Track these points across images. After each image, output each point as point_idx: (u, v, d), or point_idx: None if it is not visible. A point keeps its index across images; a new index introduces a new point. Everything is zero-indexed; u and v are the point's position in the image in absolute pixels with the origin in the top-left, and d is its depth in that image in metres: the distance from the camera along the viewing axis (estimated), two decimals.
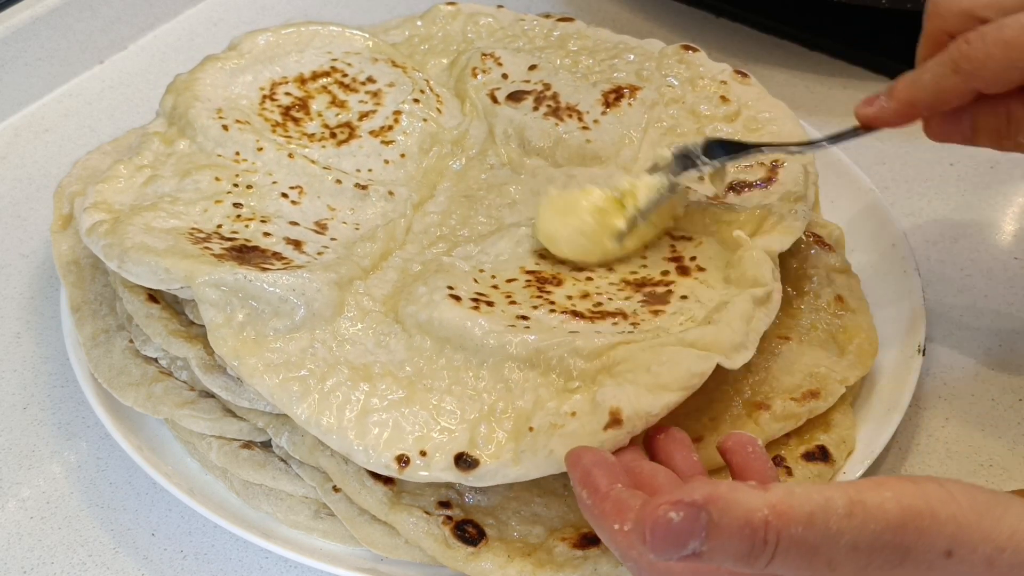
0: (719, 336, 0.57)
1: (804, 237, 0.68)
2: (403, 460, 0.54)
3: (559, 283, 0.62)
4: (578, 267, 0.63)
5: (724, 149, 0.65)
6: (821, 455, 0.60)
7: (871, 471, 0.61)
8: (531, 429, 0.54)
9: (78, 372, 0.66)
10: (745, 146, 0.65)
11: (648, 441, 0.55)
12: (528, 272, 0.63)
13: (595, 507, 0.46)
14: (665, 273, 0.62)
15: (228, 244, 0.62)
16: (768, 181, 0.67)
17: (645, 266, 0.63)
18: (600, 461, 0.48)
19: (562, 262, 0.64)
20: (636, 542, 0.42)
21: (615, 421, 0.53)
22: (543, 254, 0.64)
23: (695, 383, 0.55)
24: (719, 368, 0.56)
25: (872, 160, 0.82)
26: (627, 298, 0.61)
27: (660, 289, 0.61)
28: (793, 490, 0.41)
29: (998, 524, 0.41)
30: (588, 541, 0.56)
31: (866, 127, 0.60)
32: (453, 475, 0.54)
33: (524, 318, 0.59)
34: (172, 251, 0.60)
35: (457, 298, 0.59)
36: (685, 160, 0.64)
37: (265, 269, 0.59)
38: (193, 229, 0.63)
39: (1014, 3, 0.54)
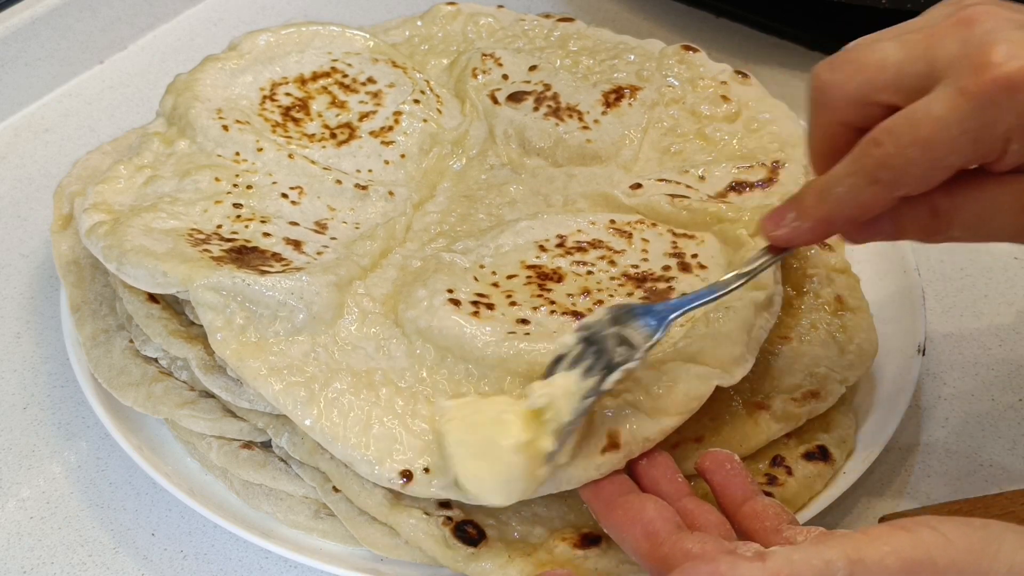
0: (719, 350, 0.57)
1: None
2: (407, 475, 0.54)
3: (560, 279, 0.62)
4: (580, 261, 0.63)
5: (633, 314, 0.54)
6: (821, 455, 0.60)
7: (871, 471, 0.61)
8: None
9: (78, 372, 0.66)
10: (658, 311, 0.54)
11: (631, 467, 0.55)
12: (529, 267, 0.63)
13: None
14: (667, 268, 0.62)
15: (228, 245, 0.62)
16: (769, 182, 0.67)
17: (647, 260, 0.63)
18: None
19: (562, 256, 0.63)
20: None
21: (613, 445, 0.53)
22: (544, 247, 0.64)
23: (694, 407, 0.56)
24: None
25: None
26: (628, 295, 0.61)
27: (661, 285, 0.61)
28: (791, 557, 0.41)
29: (995, 561, 0.41)
30: (589, 541, 0.56)
31: (779, 250, 0.54)
32: (454, 493, 0.54)
33: (525, 322, 0.59)
34: (170, 254, 0.60)
35: (456, 302, 0.59)
36: (595, 345, 0.53)
37: (264, 272, 0.59)
38: (193, 230, 0.63)
39: (913, 79, 0.47)
